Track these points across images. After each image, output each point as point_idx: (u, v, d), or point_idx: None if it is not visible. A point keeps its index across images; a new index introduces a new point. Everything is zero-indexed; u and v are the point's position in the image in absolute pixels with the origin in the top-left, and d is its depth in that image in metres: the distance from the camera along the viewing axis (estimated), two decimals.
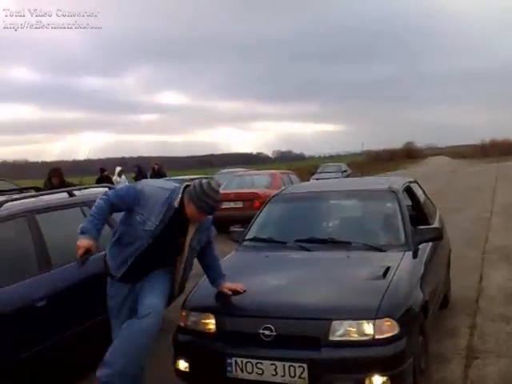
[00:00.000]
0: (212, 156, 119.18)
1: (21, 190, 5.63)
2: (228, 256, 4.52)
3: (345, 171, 29.54)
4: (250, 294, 3.69)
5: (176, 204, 3.45)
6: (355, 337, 3.30)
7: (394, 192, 4.78)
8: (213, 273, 3.84)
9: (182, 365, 3.63)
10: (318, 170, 30.72)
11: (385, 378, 3.24)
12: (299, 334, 3.36)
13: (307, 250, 4.26)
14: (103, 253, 3.78)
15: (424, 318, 3.85)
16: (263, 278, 3.93)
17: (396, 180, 5.42)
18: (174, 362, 3.69)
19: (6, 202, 4.21)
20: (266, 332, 3.35)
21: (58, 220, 4.57)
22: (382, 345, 3.27)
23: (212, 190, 3.44)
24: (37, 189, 5.63)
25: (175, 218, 3.48)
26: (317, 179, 24.46)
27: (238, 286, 3.70)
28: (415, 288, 3.81)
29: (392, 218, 4.58)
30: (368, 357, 3.27)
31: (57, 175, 8.33)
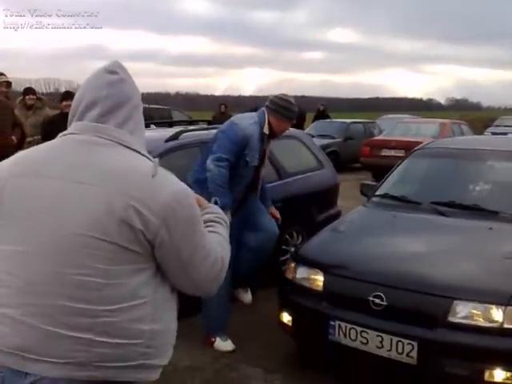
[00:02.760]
0: (378, 99, 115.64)
1: (192, 123, 6.19)
2: (353, 211, 4.19)
3: None
4: (365, 256, 3.38)
5: (267, 131, 3.75)
6: (480, 322, 2.87)
7: None
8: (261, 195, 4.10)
9: (286, 318, 3.49)
10: (495, 123, 27.83)
11: (509, 374, 2.80)
12: (413, 308, 3.00)
13: (443, 214, 3.76)
14: None
15: None
16: (384, 240, 3.57)
17: None
18: (278, 314, 3.56)
19: (185, 131, 4.71)
20: (376, 300, 3.04)
21: None
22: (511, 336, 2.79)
23: (286, 96, 3.82)
24: (208, 122, 6.06)
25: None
26: (492, 133, 22.24)
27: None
28: None
29: None
30: (492, 347, 2.83)
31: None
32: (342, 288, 3.25)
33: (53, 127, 5.74)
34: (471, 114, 41.69)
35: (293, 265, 3.53)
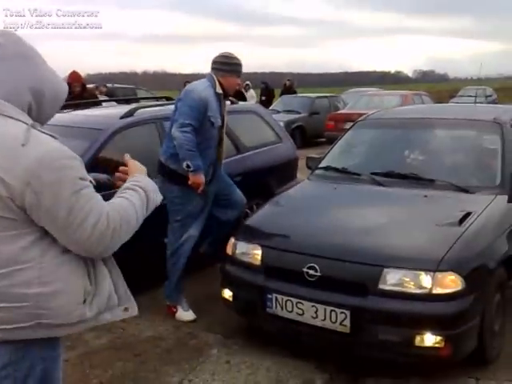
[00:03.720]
0: (346, 74, 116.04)
1: (151, 99, 6.37)
2: (298, 185, 4.22)
3: (489, 96, 26.76)
4: (301, 228, 3.41)
5: (219, 90, 3.83)
6: (409, 288, 2.93)
7: (498, 124, 4.06)
8: None
9: (227, 293, 3.52)
10: (459, 94, 28.22)
11: (439, 338, 2.87)
12: (345, 278, 3.05)
13: (381, 184, 3.81)
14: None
15: (507, 275, 3.31)
16: (321, 213, 3.60)
17: (509, 110, 4.61)
18: (221, 290, 3.58)
19: (140, 108, 4.70)
20: (310, 271, 3.09)
21: None
22: (440, 301, 2.88)
23: (224, 52, 3.96)
24: (167, 98, 6.05)
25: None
26: (456, 103, 22.53)
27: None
28: (498, 239, 3.27)
29: (491, 154, 3.93)
30: (421, 312, 2.90)
31: None
32: (278, 261, 3.28)
33: None
34: (438, 86, 42.17)
35: (233, 240, 3.54)
